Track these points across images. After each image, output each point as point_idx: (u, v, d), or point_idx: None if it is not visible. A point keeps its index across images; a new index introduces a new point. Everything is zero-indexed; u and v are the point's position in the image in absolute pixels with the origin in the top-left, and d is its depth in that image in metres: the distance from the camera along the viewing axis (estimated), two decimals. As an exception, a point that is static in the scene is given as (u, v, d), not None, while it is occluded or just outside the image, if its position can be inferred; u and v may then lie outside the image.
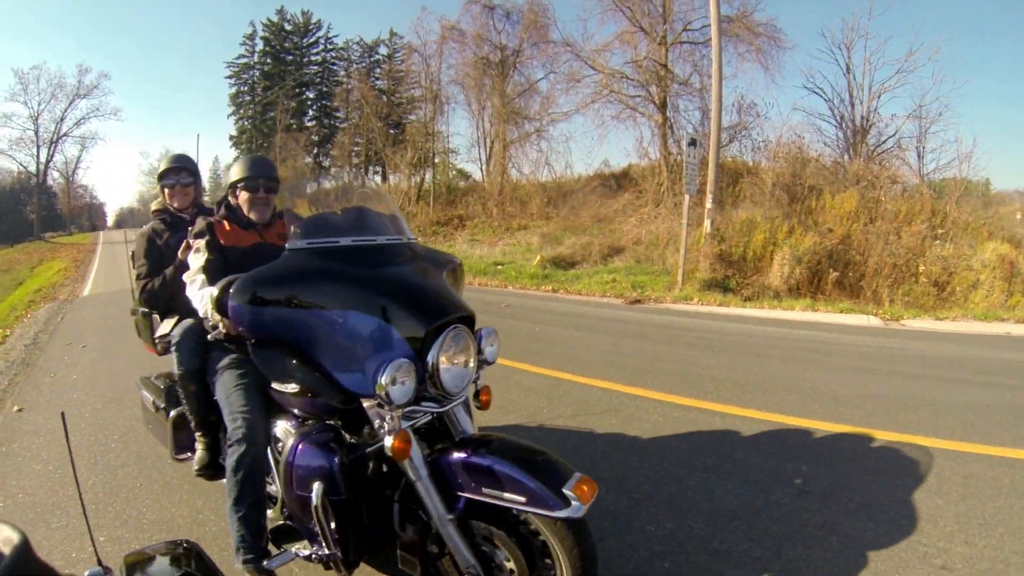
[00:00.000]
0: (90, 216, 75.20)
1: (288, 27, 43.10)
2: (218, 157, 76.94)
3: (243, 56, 44.88)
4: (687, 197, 12.11)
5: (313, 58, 43.61)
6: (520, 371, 5.93)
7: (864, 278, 13.21)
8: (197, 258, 2.61)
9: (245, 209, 2.80)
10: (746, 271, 13.08)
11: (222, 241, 2.69)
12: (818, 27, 39.48)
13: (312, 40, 43.38)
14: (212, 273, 2.51)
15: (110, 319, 10.03)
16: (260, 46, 43.77)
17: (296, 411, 2.31)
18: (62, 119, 46.80)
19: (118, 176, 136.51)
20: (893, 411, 4.68)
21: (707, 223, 13.04)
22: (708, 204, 13.03)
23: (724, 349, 7.02)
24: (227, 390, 2.47)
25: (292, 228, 2.24)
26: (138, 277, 3.25)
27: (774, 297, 11.77)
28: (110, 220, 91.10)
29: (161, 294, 3.12)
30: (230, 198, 2.82)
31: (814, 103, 29.43)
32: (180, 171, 3.43)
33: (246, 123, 44.15)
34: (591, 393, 5.26)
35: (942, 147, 18.80)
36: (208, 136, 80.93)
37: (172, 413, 3.06)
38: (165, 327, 3.09)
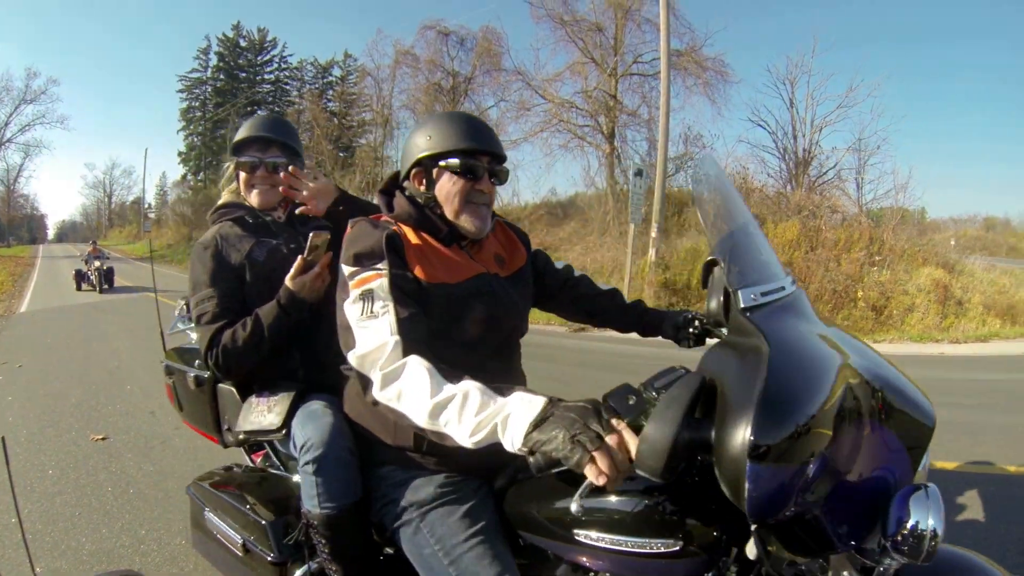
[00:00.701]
0: (30, 228, 72.95)
1: (243, 43, 42.55)
2: (165, 173, 75.19)
3: (196, 70, 44.21)
4: (632, 226, 12.15)
5: (266, 76, 43.11)
6: None
7: (806, 304, 13.42)
8: (380, 308, 1.35)
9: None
10: (691, 299, 13.15)
11: (419, 273, 1.45)
12: (764, 63, 40.88)
13: (267, 58, 42.95)
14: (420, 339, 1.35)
15: (48, 338, 9.67)
16: (214, 61, 43.10)
17: None
18: (6, 124, 44.94)
19: (61, 188, 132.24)
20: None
21: (652, 252, 13.12)
22: (653, 233, 13.11)
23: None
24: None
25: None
26: (198, 320, 1.83)
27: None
28: (51, 233, 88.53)
29: (246, 354, 1.78)
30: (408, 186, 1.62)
31: (758, 136, 30.25)
32: (269, 144, 2.03)
33: (196, 139, 43.29)
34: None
35: (880, 178, 19.37)
36: (156, 151, 79.66)
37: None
38: (258, 412, 1.80)
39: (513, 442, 1.09)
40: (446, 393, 1.18)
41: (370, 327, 1.32)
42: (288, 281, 1.76)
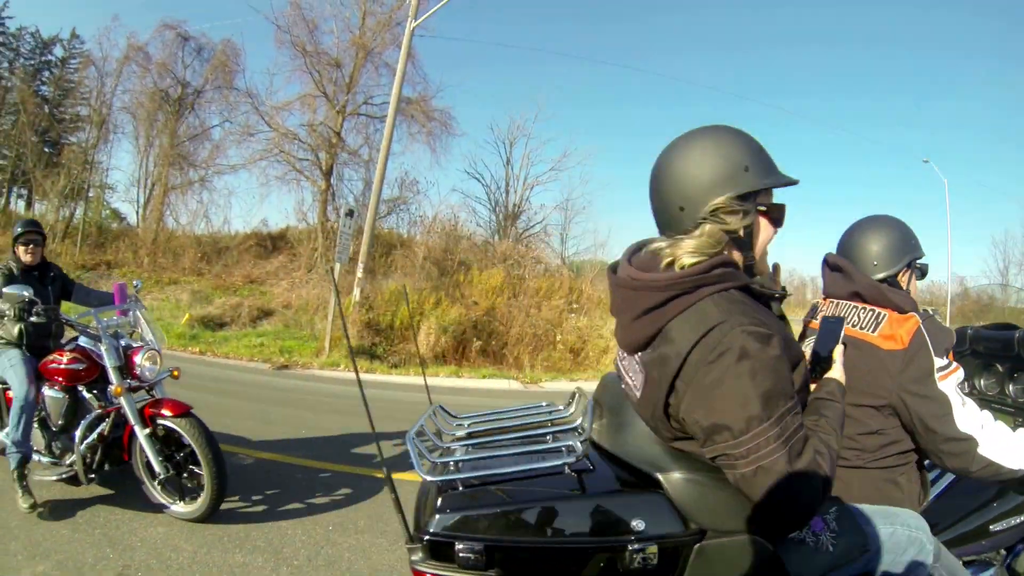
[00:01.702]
0: None
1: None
2: None
3: None
4: (338, 264, 12.40)
5: (-29, 37, 36.69)
6: None
7: (507, 346, 14.52)
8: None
9: None
10: (393, 339, 13.66)
11: None
12: (488, 121, 43.56)
13: (-26, 16, 36.51)
14: None
15: None
16: None
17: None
18: None
19: None
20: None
21: (356, 291, 13.48)
22: (359, 273, 13.49)
23: (380, 415, 7.15)
24: None
25: None
26: None
27: (420, 364, 12.49)
28: None
29: None
30: None
31: (473, 187, 32.43)
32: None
33: None
34: (240, 461, 5.34)
35: (583, 235, 21.82)
36: None
37: None
38: None
39: None
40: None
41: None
42: None
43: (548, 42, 58.18)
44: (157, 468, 3.75)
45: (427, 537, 1.33)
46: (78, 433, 3.79)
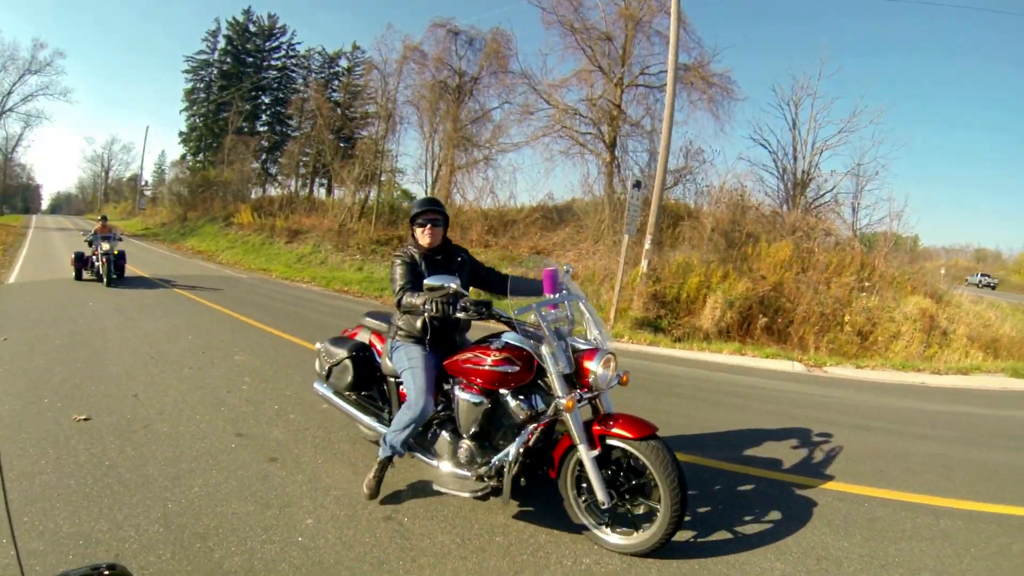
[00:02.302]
0: (24, 198, 72.45)
1: (252, 28, 42.37)
2: (164, 152, 74.62)
3: (203, 52, 43.90)
4: (626, 236, 12.15)
5: (273, 63, 42.91)
6: None
7: (792, 325, 13.43)
8: None
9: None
10: (679, 312, 13.17)
11: None
12: (770, 82, 41.01)
13: (275, 44, 42.76)
14: None
15: (36, 310, 9.54)
16: (222, 44, 42.76)
17: None
18: (9, 93, 45.19)
19: (58, 159, 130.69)
20: (806, 457, 4.75)
21: (644, 263, 13.12)
22: (647, 244, 13.11)
23: (649, 389, 6.91)
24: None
25: None
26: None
27: (704, 339, 11.87)
28: (45, 203, 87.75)
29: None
30: None
31: (759, 154, 30.32)
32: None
33: (198, 120, 42.96)
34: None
35: (875, 204, 19.36)
36: (157, 130, 79.25)
37: None
38: None
39: None
40: None
41: None
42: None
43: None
44: (601, 496, 3.06)
45: None
46: (512, 448, 3.14)
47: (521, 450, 3.13)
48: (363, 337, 4.21)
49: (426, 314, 3.31)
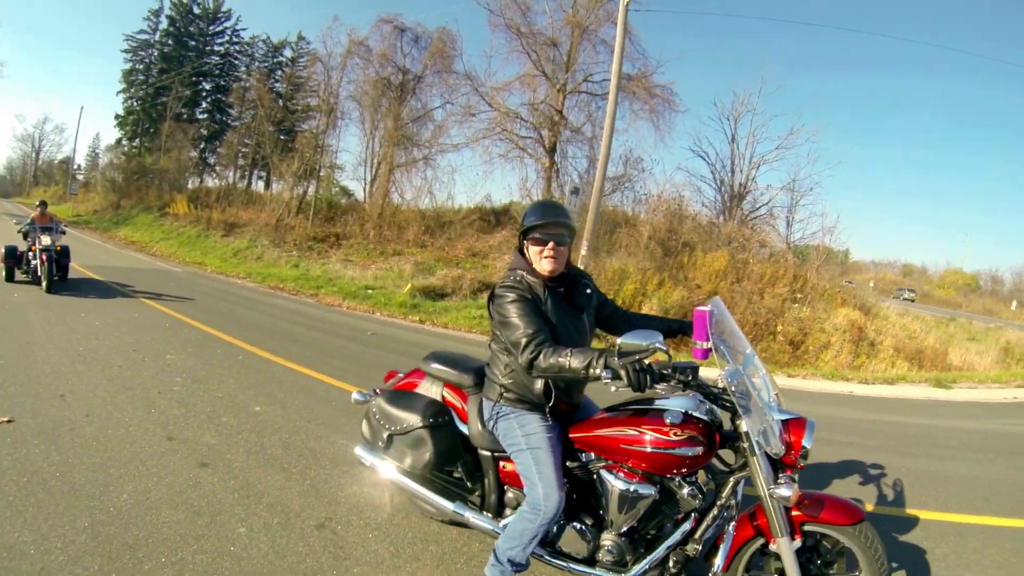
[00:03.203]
0: (-55, 178, 68.86)
1: (196, 10, 40.76)
2: (99, 135, 71.56)
3: (144, 32, 41.81)
4: (562, 241, 12.07)
5: (216, 48, 41.32)
6: None
7: (726, 334, 13.60)
8: None
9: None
10: (613, 318, 13.15)
11: None
12: (711, 96, 41.99)
13: (218, 29, 41.16)
14: None
15: None
16: (164, 24, 40.77)
17: None
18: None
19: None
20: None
21: (580, 268, 13.06)
22: (583, 250, 13.08)
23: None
24: None
25: None
26: None
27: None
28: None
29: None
30: None
31: (697, 165, 31.10)
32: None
33: (135, 103, 41.10)
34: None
35: (809, 218, 20.09)
36: (93, 111, 75.97)
37: None
38: None
39: None
40: None
41: None
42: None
43: (773, 9, 54.75)
44: None
45: None
46: (674, 540, 2.58)
47: (682, 545, 2.58)
48: (430, 390, 3.24)
49: (604, 382, 2.28)
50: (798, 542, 2.44)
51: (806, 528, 2.47)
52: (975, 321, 26.05)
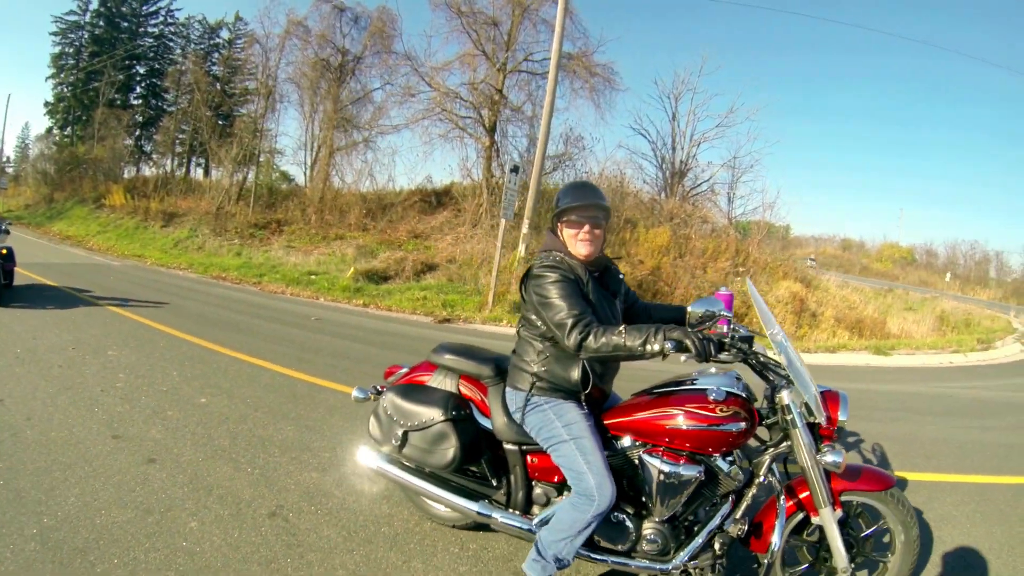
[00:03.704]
0: None
1: (129, -11, 39.11)
2: (28, 124, 68.54)
3: (74, 12, 39.73)
4: (503, 221, 12.05)
5: (150, 29, 39.68)
6: (325, 389, 5.82)
7: (671, 308, 13.83)
8: None
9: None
10: (554, 296, 13.23)
11: None
12: (652, 76, 42.37)
13: (152, 9, 39.25)
14: None
15: None
16: (95, 5, 38.68)
17: None
18: None
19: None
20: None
21: (522, 247, 13.07)
22: (524, 229, 13.05)
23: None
24: None
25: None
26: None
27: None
28: None
29: None
30: None
31: (639, 143, 31.20)
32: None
33: (66, 89, 39.28)
34: (371, 406, 5.11)
35: (750, 195, 20.45)
36: (20, 99, 72.04)
37: None
38: None
39: None
40: None
41: None
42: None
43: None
44: (843, 564, 2.43)
45: None
46: (714, 524, 2.55)
47: (723, 524, 2.54)
48: (443, 383, 3.00)
49: (665, 356, 2.24)
50: (839, 512, 2.45)
51: (843, 498, 2.49)
52: (912, 292, 27.03)
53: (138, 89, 38.62)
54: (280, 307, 11.26)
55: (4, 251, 9.21)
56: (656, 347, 2.20)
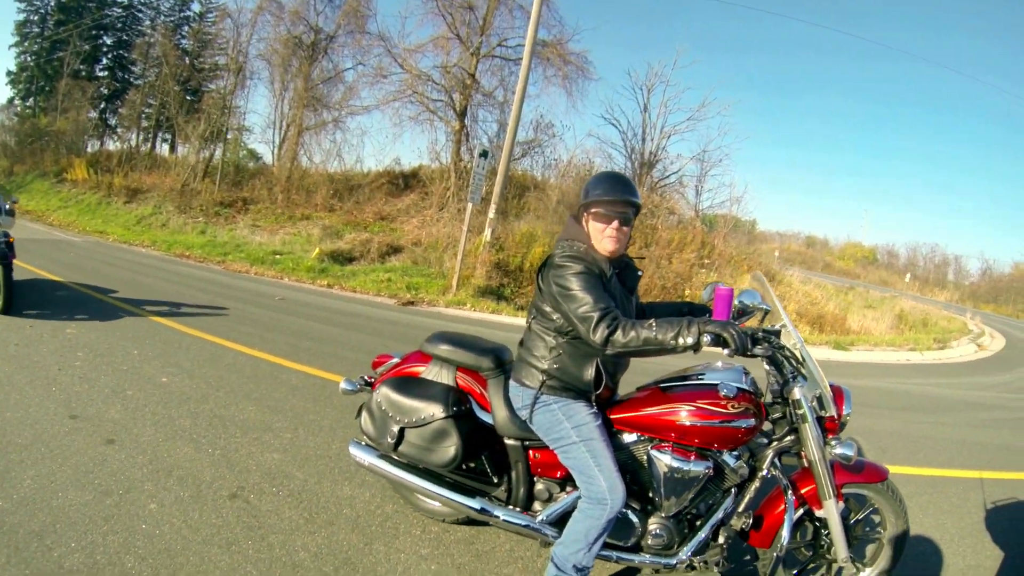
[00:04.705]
0: None
1: (98, -46, 37.92)
2: (-9, 94, 66.34)
3: None
4: (470, 205, 12.06)
5: (119, -1, 38.79)
6: (288, 369, 5.82)
7: (635, 297, 13.99)
8: None
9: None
10: (522, 281, 13.33)
11: None
12: (625, 66, 42.42)
13: (122, -24, 38.57)
14: None
15: None
16: None
17: None
18: None
19: None
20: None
21: (488, 231, 13.10)
22: (491, 213, 13.08)
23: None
24: None
25: None
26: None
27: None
28: None
29: None
30: None
31: (609, 133, 31.28)
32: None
33: (29, 59, 38.10)
34: (358, 397, 4.91)
35: (718, 188, 20.61)
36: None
37: None
38: None
39: None
40: None
41: None
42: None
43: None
44: (843, 554, 2.50)
45: None
46: (718, 517, 2.58)
47: (726, 519, 2.56)
48: (439, 375, 2.87)
49: (692, 348, 2.14)
50: (842, 504, 2.49)
51: (843, 490, 2.54)
52: (872, 291, 27.56)
53: (104, 60, 37.50)
54: (244, 286, 11.18)
55: (5, 244, 6.88)
56: (690, 340, 2.11)
